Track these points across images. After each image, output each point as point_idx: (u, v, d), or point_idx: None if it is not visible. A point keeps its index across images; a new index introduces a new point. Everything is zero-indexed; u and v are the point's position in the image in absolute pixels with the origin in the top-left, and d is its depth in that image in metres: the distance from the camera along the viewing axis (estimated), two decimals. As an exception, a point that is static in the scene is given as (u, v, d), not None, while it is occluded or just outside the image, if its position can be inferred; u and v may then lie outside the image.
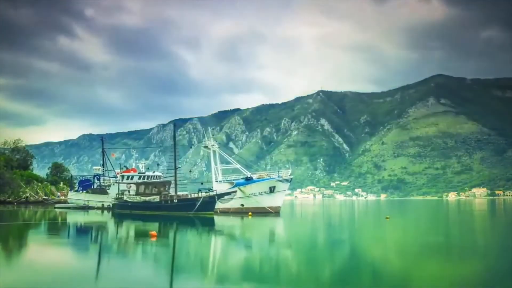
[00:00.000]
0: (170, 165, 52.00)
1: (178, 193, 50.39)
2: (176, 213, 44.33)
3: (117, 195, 53.44)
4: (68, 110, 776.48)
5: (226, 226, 32.43)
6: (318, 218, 45.13)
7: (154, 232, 22.26)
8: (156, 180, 54.48)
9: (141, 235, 25.29)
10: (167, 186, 50.61)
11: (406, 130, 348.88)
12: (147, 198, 48.57)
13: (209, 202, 44.67)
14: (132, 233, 27.74)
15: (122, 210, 49.13)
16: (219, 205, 46.34)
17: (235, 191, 47.65)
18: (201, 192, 47.70)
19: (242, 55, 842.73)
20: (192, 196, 47.32)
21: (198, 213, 43.35)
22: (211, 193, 46.28)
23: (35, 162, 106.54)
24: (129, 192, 52.31)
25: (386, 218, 39.91)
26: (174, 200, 47.27)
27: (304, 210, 67.54)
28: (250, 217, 39.95)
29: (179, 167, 52.19)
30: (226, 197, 46.94)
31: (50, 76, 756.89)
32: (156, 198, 47.87)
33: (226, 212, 46.12)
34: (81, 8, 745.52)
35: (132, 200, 49.84)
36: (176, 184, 50.62)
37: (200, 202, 44.42)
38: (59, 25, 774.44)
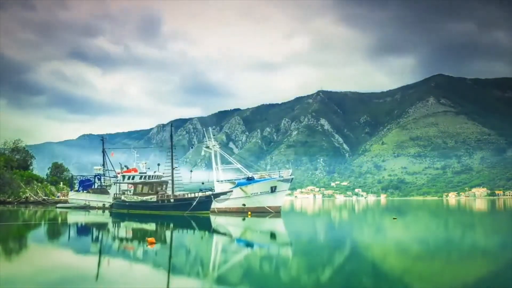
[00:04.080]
0: (169, 165, 52.00)
1: (175, 193, 50.42)
2: (173, 213, 44.44)
3: (115, 195, 53.65)
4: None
5: (225, 226, 32.38)
6: (319, 219, 45.05)
7: (152, 239, 19.47)
8: (154, 180, 54.27)
9: (141, 235, 25.25)
10: (164, 186, 50.65)
11: (406, 130, 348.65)
12: (145, 198, 48.58)
13: (206, 202, 44.47)
14: (131, 233, 27.78)
15: (120, 210, 49.40)
16: (216, 205, 46.22)
17: (231, 191, 47.40)
18: (201, 192, 47.39)
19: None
20: (189, 196, 47.21)
21: (194, 212, 43.40)
22: (207, 193, 46.06)
23: (35, 162, 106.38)
24: (130, 192, 52.46)
25: (394, 218, 39.89)
26: (171, 200, 47.29)
27: (303, 210, 67.50)
28: (249, 216, 39.98)
29: (176, 167, 52.19)
30: (222, 196, 46.66)
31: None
32: (153, 198, 47.88)
33: (224, 212, 46.18)
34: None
35: (130, 200, 49.84)
36: (173, 184, 50.68)
37: (196, 201, 44.25)
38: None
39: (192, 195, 46.83)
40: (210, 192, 46.19)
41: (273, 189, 48.27)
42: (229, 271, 13.72)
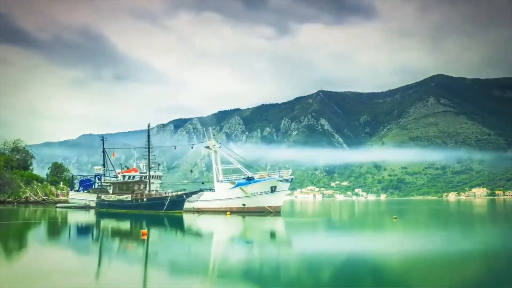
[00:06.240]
0: (170, 165, 52.12)
1: (151, 192, 51.86)
2: (146, 212, 45.81)
3: (98, 194, 56.03)
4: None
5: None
6: (318, 219, 45.03)
7: (145, 231, 23.43)
8: (131, 179, 56.96)
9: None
10: (142, 185, 52.37)
11: (406, 130, 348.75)
12: (121, 197, 50.81)
13: (178, 201, 45.75)
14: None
15: (101, 209, 51.94)
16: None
17: (203, 192, 49.75)
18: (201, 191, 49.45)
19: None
20: (163, 195, 48.42)
21: (167, 211, 44.67)
22: (179, 193, 47.84)
23: (35, 162, 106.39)
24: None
25: (394, 218, 39.83)
26: (144, 199, 48.70)
27: (303, 210, 67.48)
28: (228, 216, 40.43)
29: (153, 166, 54.03)
30: (193, 196, 48.47)
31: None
32: (129, 197, 49.84)
33: (207, 212, 47.09)
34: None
35: (108, 199, 52.49)
36: (149, 183, 52.18)
37: (168, 201, 45.52)
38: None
39: (165, 194, 48.33)
40: (182, 192, 48.02)
41: (273, 189, 48.45)
42: (224, 269, 13.71)
